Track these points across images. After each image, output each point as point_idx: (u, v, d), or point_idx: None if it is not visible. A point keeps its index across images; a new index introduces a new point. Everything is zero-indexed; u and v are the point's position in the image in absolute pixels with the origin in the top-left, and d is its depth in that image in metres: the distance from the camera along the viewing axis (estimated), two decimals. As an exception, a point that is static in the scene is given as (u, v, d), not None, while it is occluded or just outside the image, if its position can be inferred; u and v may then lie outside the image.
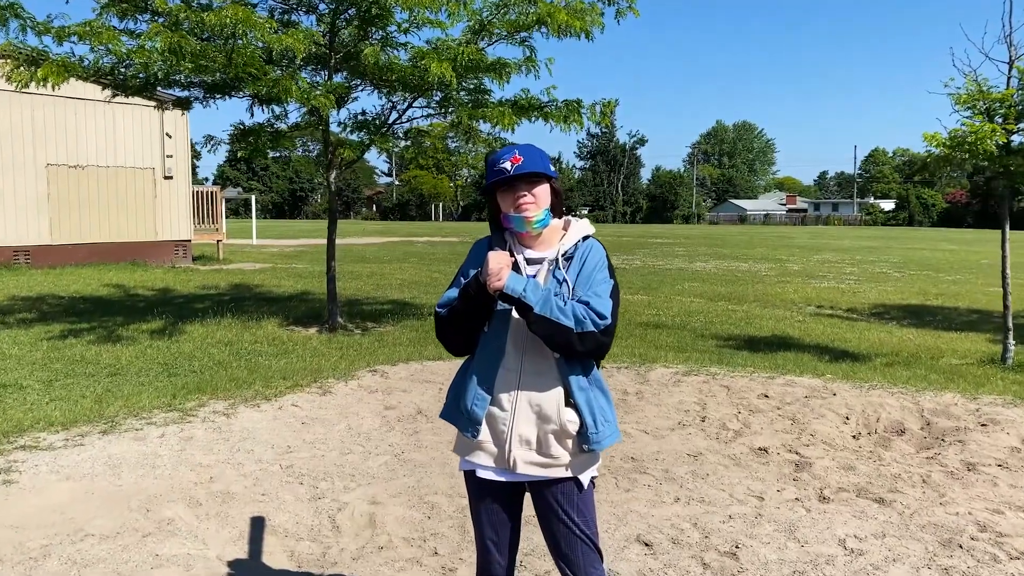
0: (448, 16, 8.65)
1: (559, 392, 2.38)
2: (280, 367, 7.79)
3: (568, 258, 2.44)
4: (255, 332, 9.78)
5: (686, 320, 11.44)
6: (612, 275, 2.44)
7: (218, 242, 22.16)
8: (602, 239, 2.52)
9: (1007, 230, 8.47)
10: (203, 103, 10.06)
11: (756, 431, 5.78)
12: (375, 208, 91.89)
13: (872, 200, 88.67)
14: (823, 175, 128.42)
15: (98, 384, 6.98)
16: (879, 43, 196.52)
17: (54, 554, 3.69)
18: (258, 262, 21.02)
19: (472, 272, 2.41)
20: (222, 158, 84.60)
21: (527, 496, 2.54)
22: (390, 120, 10.32)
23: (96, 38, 8.10)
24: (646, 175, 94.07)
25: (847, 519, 4.20)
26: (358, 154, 10.20)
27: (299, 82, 8.58)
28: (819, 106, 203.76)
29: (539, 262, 2.45)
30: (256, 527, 4.07)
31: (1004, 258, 8.44)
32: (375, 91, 10.13)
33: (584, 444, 2.39)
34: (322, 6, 9.54)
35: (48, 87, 8.28)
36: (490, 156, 2.46)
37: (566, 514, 2.43)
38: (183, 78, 9.19)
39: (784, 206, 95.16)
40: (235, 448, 5.29)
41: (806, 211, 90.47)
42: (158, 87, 9.65)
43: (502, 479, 2.44)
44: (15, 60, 8.55)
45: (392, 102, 10.24)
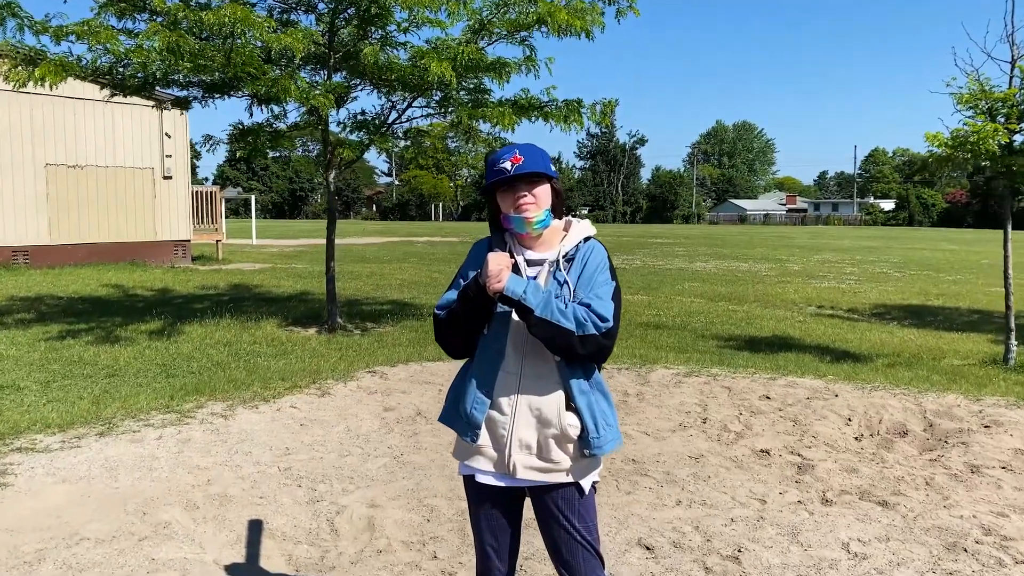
0: (448, 15, 8.62)
1: (560, 396, 2.34)
2: (279, 368, 7.76)
3: (569, 259, 2.40)
4: (254, 333, 9.75)
5: (686, 320, 11.40)
6: (614, 277, 2.40)
7: (217, 242, 22.13)
8: (602, 239, 2.49)
9: (1009, 230, 8.43)
10: (202, 103, 10.03)
11: (758, 433, 5.74)
12: (375, 208, 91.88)
13: (872, 200, 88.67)
14: (823, 175, 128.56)
15: (96, 385, 6.94)
16: (879, 43, 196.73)
17: (49, 558, 3.65)
18: (258, 262, 20.99)
19: (472, 274, 2.37)
20: (222, 158, 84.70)
21: (527, 500, 2.50)
22: (390, 120, 10.28)
23: (94, 37, 8.06)
24: (646, 175, 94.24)
25: (850, 522, 4.17)
26: (357, 154, 10.16)
27: (298, 82, 8.55)
28: (819, 106, 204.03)
29: (540, 263, 2.41)
30: (254, 530, 4.03)
31: (1006, 258, 8.40)
32: (374, 91, 10.10)
33: (585, 449, 2.35)
34: (321, 5, 9.51)
35: (46, 87, 8.25)
36: (490, 156, 2.42)
37: (567, 520, 2.39)
38: (182, 78, 9.17)
39: (784, 206, 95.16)
40: (233, 450, 5.25)
41: (806, 211, 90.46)
42: (156, 87, 9.62)
43: (502, 484, 2.40)
44: (13, 60, 8.52)
45: (392, 102, 10.21)
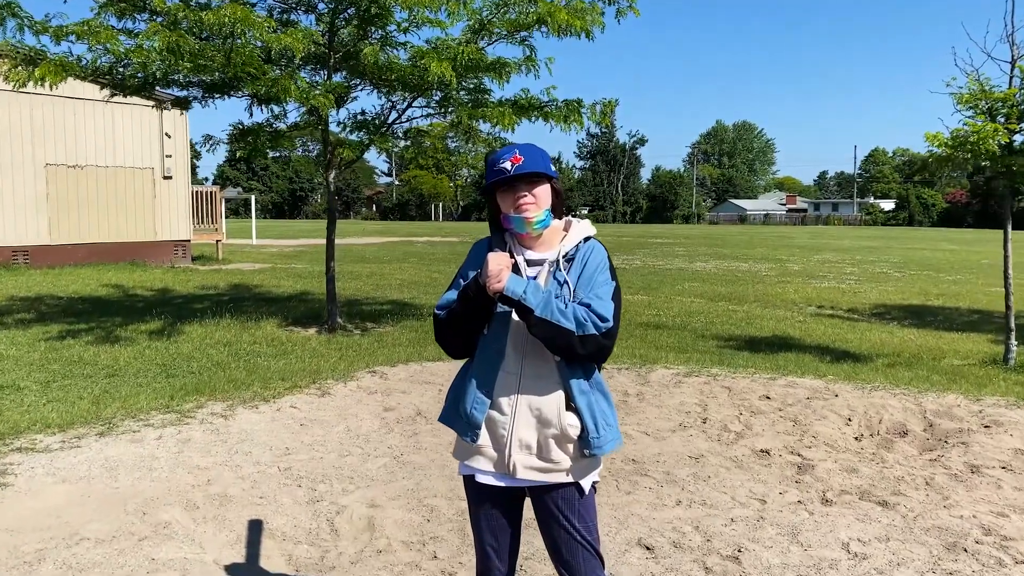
0: (448, 15, 8.61)
1: (560, 396, 2.34)
2: (279, 368, 7.76)
3: (569, 259, 2.40)
4: (254, 333, 9.74)
5: (687, 320, 11.40)
6: (614, 277, 2.40)
7: (217, 242, 22.13)
8: (602, 239, 2.48)
9: (1009, 230, 8.42)
10: (202, 103, 10.03)
11: (758, 433, 5.74)
12: (375, 208, 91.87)
13: (872, 200, 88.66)
14: (823, 175, 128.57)
15: (96, 385, 6.94)
16: (879, 43, 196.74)
17: (49, 558, 3.65)
18: (257, 262, 20.99)
19: (471, 274, 2.37)
20: (222, 158, 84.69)
21: (527, 500, 2.50)
22: (390, 120, 10.28)
23: (94, 37, 8.06)
24: (646, 175, 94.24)
25: (850, 522, 4.17)
26: (357, 154, 10.16)
27: (298, 82, 8.55)
28: (819, 106, 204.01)
29: (540, 263, 2.41)
30: (254, 530, 4.03)
31: (1006, 258, 8.40)
32: (374, 91, 10.10)
33: (585, 449, 2.35)
34: (321, 5, 9.50)
35: (46, 87, 8.25)
36: (490, 156, 2.42)
37: (567, 520, 2.39)
38: (181, 77, 9.16)
39: (784, 206, 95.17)
40: (233, 450, 5.25)
41: (806, 211, 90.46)
42: (156, 87, 9.62)
43: (502, 484, 2.40)
44: (13, 60, 8.52)
45: (392, 102, 10.21)
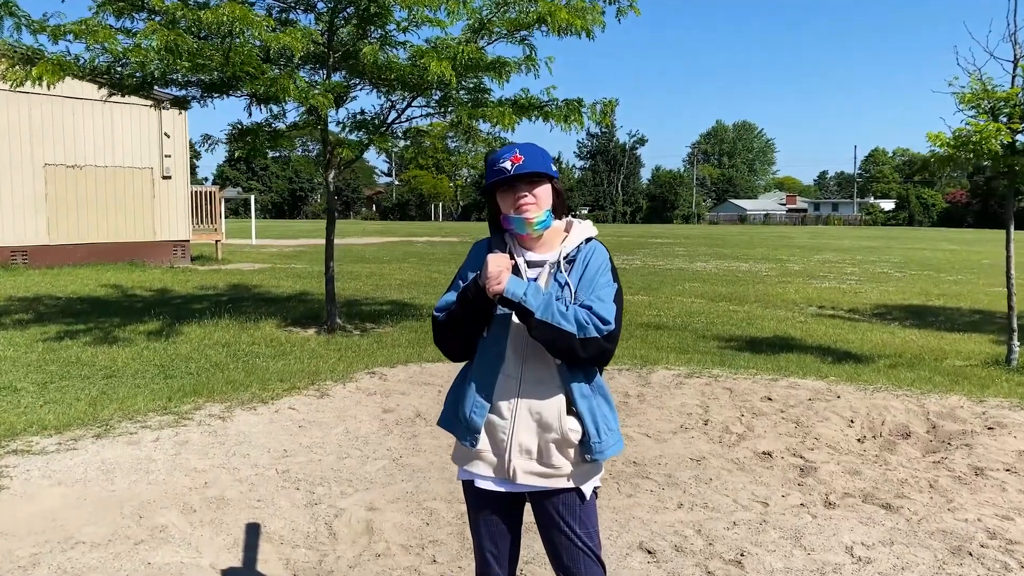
0: (448, 14, 8.57)
1: (560, 400, 2.30)
2: (277, 369, 7.72)
3: (570, 261, 2.35)
4: (253, 333, 9.70)
5: (687, 321, 11.36)
6: (616, 278, 2.35)
7: (217, 242, 22.08)
8: (602, 239, 2.44)
9: (1011, 230, 8.38)
10: (200, 102, 9.98)
11: (760, 435, 5.70)
12: (375, 208, 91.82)
13: (872, 200, 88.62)
14: (823, 175, 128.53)
15: (93, 386, 6.90)
16: (879, 43, 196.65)
17: (44, 562, 3.61)
18: (257, 262, 20.95)
19: (471, 275, 2.33)
20: (221, 158, 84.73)
21: (527, 505, 2.46)
22: (389, 120, 10.24)
23: (92, 37, 8.03)
24: (646, 175, 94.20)
25: (854, 526, 4.13)
26: (357, 154, 10.12)
27: (297, 81, 8.51)
28: (819, 106, 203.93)
29: (540, 265, 2.37)
30: (251, 534, 3.99)
31: (1008, 259, 8.35)
32: (374, 90, 10.06)
33: (587, 454, 2.31)
34: (320, 4, 9.47)
35: (44, 86, 8.21)
36: (490, 155, 2.37)
37: (568, 526, 2.34)
38: (180, 77, 9.13)
39: (784, 206, 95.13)
40: (230, 452, 5.21)
41: (806, 211, 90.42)
42: (155, 86, 9.59)
43: (501, 489, 2.36)
44: (10, 59, 8.48)
45: (391, 101, 10.17)
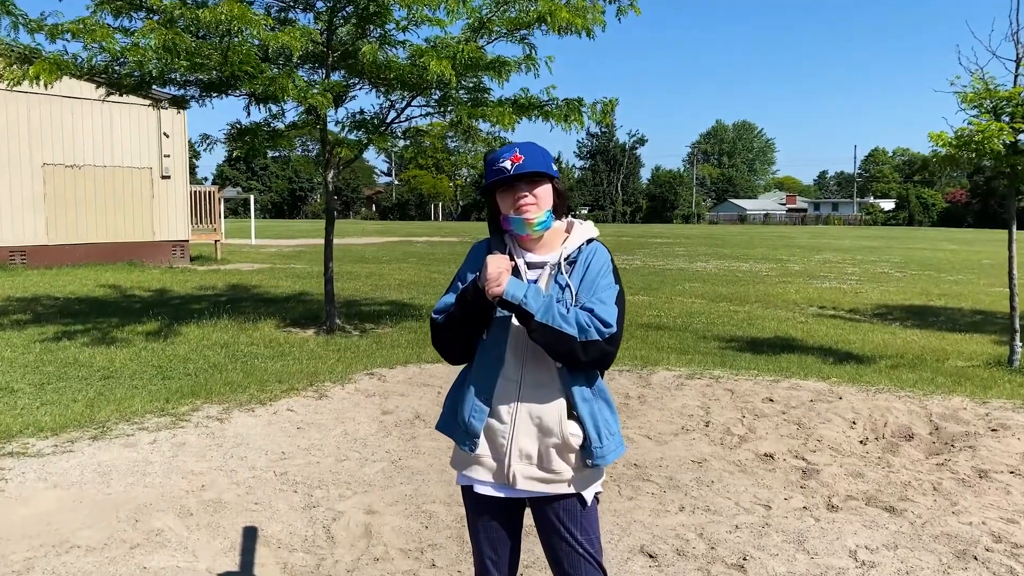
0: (447, 14, 8.53)
1: (561, 404, 2.26)
2: (276, 370, 7.67)
3: (571, 262, 2.31)
4: (251, 334, 9.66)
5: (688, 321, 11.32)
6: (617, 280, 2.31)
7: (216, 242, 22.03)
8: (602, 240, 2.40)
9: (1014, 230, 8.33)
10: (199, 102, 9.94)
11: (761, 436, 5.65)
12: (374, 208, 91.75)
13: (872, 200, 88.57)
14: (823, 175, 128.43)
15: (90, 388, 6.86)
16: (879, 43, 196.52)
17: (38, 567, 3.57)
18: (256, 262, 20.90)
19: (470, 276, 2.29)
20: (221, 157, 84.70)
21: (527, 510, 2.41)
22: (388, 119, 10.20)
23: (90, 36, 7.99)
24: (646, 175, 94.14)
25: (857, 529, 4.08)
26: (356, 153, 10.09)
27: (296, 80, 8.47)
28: (819, 106, 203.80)
29: (540, 266, 2.32)
30: (248, 538, 3.95)
31: (1011, 259, 8.31)
32: (373, 90, 10.02)
33: (588, 459, 2.26)
34: (319, 3, 9.42)
35: (41, 85, 8.16)
36: (489, 155, 2.33)
37: (568, 532, 2.30)
38: (178, 76, 9.09)
39: (784, 206, 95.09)
40: (228, 454, 5.16)
41: (806, 211, 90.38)
42: (153, 85, 9.53)
43: (501, 495, 2.32)
44: (7, 58, 8.44)
45: (391, 101, 10.13)
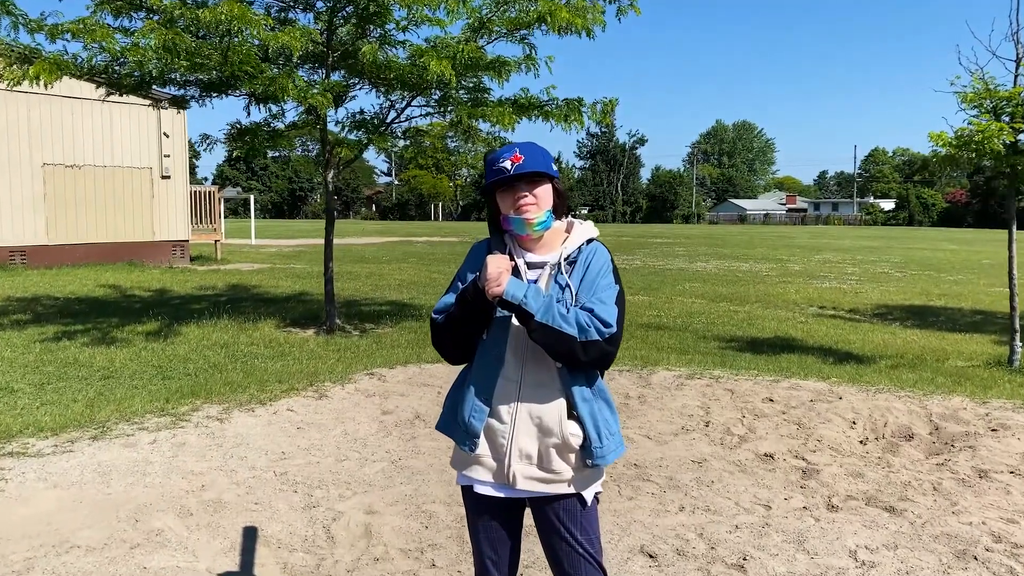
0: (447, 14, 8.52)
1: (561, 404, 2.26)
2: (276, 370, 7.67)
3: (571, 262, 2.31)
4: (251, 334, 9.66)
5: (688, 321, 11.32)
6: (617, 280, 2.31)
7: (216, 242, 22.03)
8: (602, 240, 2.40)
9: (1014, 230, 8.33)
10: (199, 102, 9.94)
11: (761, 436, 5.65)
12: (374, 208, 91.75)
13: (872, 200, 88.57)
14: (823, 175, 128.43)
15: (90, 388, 6.85)
16: (879, 43, 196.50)
17: (38, 567, 3.57)
18: (256, 262, 20.90)
19: (470, 276, 2.29)
20: (221, 157, 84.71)
21: (528, 510, 2.41)
22: (388, 119, 10.20)
23: (90, 36, 7.98)
24: (646, 175, 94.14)
25: (857, 529, 4.08)
26: (356, 153, 10.09)
27: (296, 80, 8.47)
28: (819, 106, 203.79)
29: (540, 266, 2.32)
30: (248, 538, 3.95)
31: (1011, 259, 8.31)
32: (373, 90, 10.02)
33: (588, 459, 2.26)
34: (319, 3, 9.42)
35: (41, 85, 8.16)
36: (489, 155, 2.33)
37: (568, 532, 2.30)
38: (178, 76, 9.09)
39: (784, 206, 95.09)
40: (228, 454, 5.16)
41: (806, 211, 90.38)
42: (153, 85, 9.53)
43: (501, 495, 2.32)
44: (7, 58, 8.44)
45: (391, 101, 10.13)
